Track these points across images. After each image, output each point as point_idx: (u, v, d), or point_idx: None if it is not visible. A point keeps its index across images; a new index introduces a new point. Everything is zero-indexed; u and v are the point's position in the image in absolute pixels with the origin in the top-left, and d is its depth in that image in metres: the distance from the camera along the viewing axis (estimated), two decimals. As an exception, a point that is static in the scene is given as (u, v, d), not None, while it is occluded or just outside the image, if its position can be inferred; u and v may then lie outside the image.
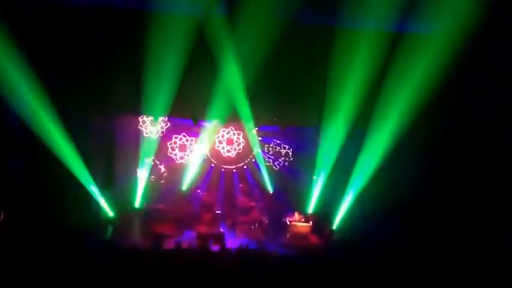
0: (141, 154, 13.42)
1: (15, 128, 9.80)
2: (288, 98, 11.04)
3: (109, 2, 9.37)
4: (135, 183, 13.24)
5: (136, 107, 11.36)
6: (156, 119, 13.07)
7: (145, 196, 13.17)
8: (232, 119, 12.34)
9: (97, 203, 11.51)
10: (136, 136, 13.37)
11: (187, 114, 12.75)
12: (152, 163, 13.37)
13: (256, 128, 13.39)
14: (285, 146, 14.17)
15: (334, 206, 12.59)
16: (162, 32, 9.38)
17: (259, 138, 13.88)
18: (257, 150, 14.05)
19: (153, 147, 13.29)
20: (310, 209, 13.28)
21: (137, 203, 13.11)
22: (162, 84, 10.31)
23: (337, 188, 12.65)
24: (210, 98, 10.95)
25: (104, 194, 11.85)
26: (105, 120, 12.03)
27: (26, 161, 10.09)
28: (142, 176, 13.35)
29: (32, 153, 10.08)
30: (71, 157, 10.33)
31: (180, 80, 10.17)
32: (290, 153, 14.14)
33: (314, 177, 13.51)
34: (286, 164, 14.21)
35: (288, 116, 12.47)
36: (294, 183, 14.06)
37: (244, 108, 11.44)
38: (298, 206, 13.37)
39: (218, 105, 11.45)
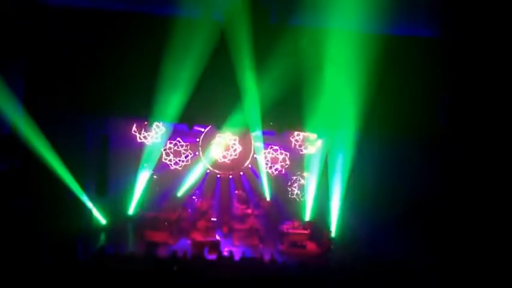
0: (135, 160, 13.20)
1: (7, 136, 9.61)
2: (285, 101, 10.88)
3: (107, 5, 9.34)
4: (129, 190, 13.00)
5: (131, 112, 11.15)
6: (150, 124, 12.84)
7: (139, 203, 12.92)
8: (229, 124, 12.13)
9: (89, 210, 11.25)
10: (131, 141, 13.15)
11: (183, 119, 12.52)
12: (146, 169, 13.10)
13: (254, 133, 13.18)
14: (282, 151, 13.96)
15: (332, 213, 12.43)
16: (164, 36, 9.34)
17: (256, 144, 13.68)
18: (254, 155, 13.85)
19: (147, 152, 13.05)
20: (308, 216, 13.08)
21: (131, 210, 12.85)
22: (160, 89, 10.13)
23: (334, 194, 12.51)
24: (209, 103, 10.76)
25: (96, 201, 11.61)
26: (99, 125, 11.81)
27: (17, 168, 9.88)
28: (136, 182, 13.13)
29: (23, 160, 9.87)
30: (62, 164, 10.11)
31: (179, 85, 10.02)
32: (287, 159, 13.93)
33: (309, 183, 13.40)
34: (283, 169, 13.99)
35: (285, 120, 12.28)
36: (291, 190, 13.87)
37: (244, 113, 11.22)
38: (296, 213, 13.21)
39: (217, 110, 11.24)
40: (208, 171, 13.88)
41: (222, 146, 13.77)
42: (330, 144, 12.66)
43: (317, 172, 13.24)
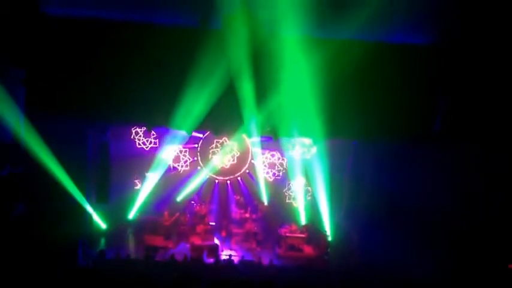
0: (135, 166, 13.32)
1: (8, 143, 9.71)
2: (281, 108, 11.03)
3: (105, 14, 9.46)
4: (129, 195, 13.13)
5: (131, 118, 11.25)
6: (149, 130, 12.97)
7: (139, 208, 13.04)
8: (227, 129, 12.25)
9: (90, 215, 11.34)
10: (131, 148, 13.28)
11: (182, 125, 12.64)
12: (147, 175, 13.24)
13: (251, 139, 13.33)
14: (280, 156, 14.11)
15: (328, 216, 12.57)
16: (162, 44, 9.53)
17: (254, 149, 13.83)
18: (252, 161, 14.00)
19: (147, 158, 13.18)
20: (305, 219, 13.21)
21: (131, 214, 12.97)
22: (159, 96, 10.26)
23: (330, 198, 12.66)
24: (207, 109, 10.90)
25: (97, 206, 11.71)
26: (100, 131, 11.92)
27: (18, 174, 9.98)
28: (135, 187, 13.27)
29: (24, 166, 9.98)
30: (63, 170, 10.21)
31: (177, 91, 10.15)
32: (284, 164, 14.08)
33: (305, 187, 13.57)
34: (281, 174, 14.14)
35: (281, 126, 12.43)
36: (288, 194, 14.03)
37: (242, 119, 11.37)
38: (293, 216, 13.33)
39: (215, 116, 11.37)
40: (207, 176, 14.01)
41: (221, 151, 13.92)
42: (325, 149, 12.80)
43: (313, 176, 13.37)
